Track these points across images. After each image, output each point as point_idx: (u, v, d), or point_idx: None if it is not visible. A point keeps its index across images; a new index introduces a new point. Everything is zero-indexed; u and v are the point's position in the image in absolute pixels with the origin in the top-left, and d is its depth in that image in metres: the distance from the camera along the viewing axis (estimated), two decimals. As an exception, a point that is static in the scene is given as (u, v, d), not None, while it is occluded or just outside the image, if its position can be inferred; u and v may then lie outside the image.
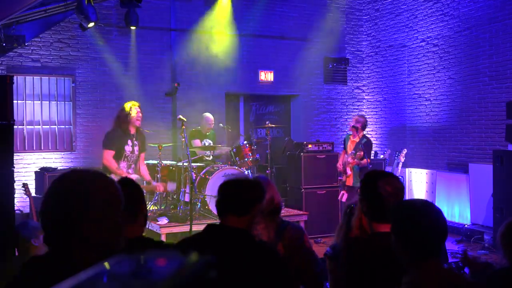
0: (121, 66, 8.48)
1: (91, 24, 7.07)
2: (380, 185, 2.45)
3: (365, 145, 7.04)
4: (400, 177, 3.17)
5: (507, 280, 2.52)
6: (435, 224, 2.03)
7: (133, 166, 6.02)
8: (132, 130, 5.91)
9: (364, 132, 7.36)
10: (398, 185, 2.49)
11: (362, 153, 6.89)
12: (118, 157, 5.81)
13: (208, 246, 2.20)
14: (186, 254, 0.84)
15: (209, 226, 2.33)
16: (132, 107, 5.90)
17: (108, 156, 5.74)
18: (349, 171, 7.12)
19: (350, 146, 7.23)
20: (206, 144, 7.46)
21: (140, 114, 5.94)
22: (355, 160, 7.00)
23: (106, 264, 0.80)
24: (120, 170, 5.71)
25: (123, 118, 5.86)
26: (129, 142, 5.88)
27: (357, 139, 7.13)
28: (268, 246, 2.39)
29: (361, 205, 2.57)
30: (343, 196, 7.06)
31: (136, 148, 5.96)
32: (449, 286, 2.01)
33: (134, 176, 5.82)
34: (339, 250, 2.86)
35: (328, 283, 3.17)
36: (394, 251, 2.09)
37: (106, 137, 5.83)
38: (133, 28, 8.20)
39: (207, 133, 7.66)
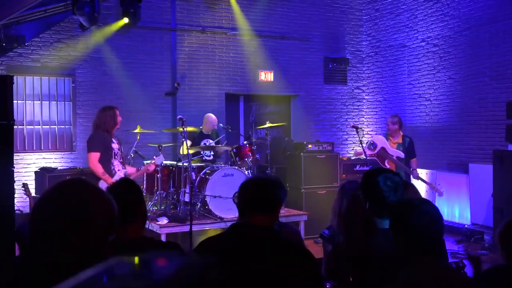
0: (121, 66, 8.47)
1: (91, 24, 7.06)
2: (380, 180, 2.48)
3: (410, 144, 7.44)
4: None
5: (504, 279, 2.52)
6: (430, 223, 2.04)
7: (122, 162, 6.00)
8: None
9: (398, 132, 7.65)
10: (398, 180, 2.52)
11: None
12: (109, 156, 5.77)
13: (237, 246, 2.20)
14: (209, 256, 0.84)
15: (234, 226, 2.31)
16: (117, 113, 5.89)
17: (93, 159, 5.70)
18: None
19: (392, 146, 7.44)
20: (207, 144, 7.46)
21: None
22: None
23: (106, 264, 0.80)
24: (102, 174, 5.68)
25: (113, 123, 5.82)
26: (113, 140, 5.87)
27: (399, 140, 7.33)
28: (298, 244, 2.39)
29: (363, 203, 2.60)
30: None
31: (120, 146, 5.97)
32: (445, 284, 2.02)
33: (123, 172, 5.84)
34: (336, 234, 2.90)
35: (323, 266, 3.20)
36: (394, 247, 2.11)
37: (94, 142, 5.73)
38: (132, 27, 8.19)
39: (209, 133, 7.67)
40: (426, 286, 2.01)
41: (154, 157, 6.40)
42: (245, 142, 7.28)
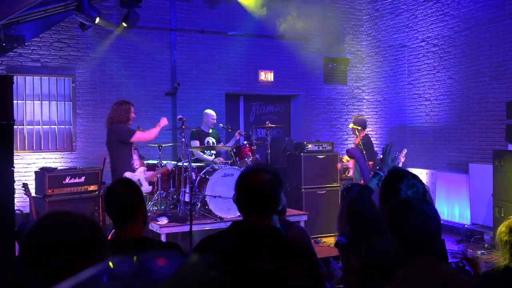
0: (121, 66, 8.48)
1: (93, 23, 7.06)
2: (402, 188, 2.46)
3: (363, 145, 7.24)
4: None
5: (504, 279, 2.52)
6: (425, 223, 2.04)
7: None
8: None
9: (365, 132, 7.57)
10: (420, 190, 2.50)
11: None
12: (130, 150, 6.03)
13: (237, 244, 2.20)
14: (213, 254, 0.84)
15: (235, 224, 2.31)
16: (132, 109, 6.16)
17: (138, 134, 5.98)
18: (351, 173, 7.41)
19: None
20: (210, 143, 7.48)
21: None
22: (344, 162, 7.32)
23: (107, 264, 0.80)
24: (154, 130, 6.15)
25: (126, 119, 6.05)
26: None
27: (356, 141, 7.36)
28: (299, 242, 2.39)
29: (381, 206, 2.59)
30: None
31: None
32: (441, 283, 2.02)
33: (142, 169, 6.13)
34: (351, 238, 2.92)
35: (340, 274, 3.20)
36: (391, 246, 2.12)
37: (123, 128, 5.98)
38: (132, 27, 8.19)
39: (210, 131, 7.67)
40: (423, 286, 2.01)
41: (167, 163, 6.61)
42: (245, 142, 7.28)
